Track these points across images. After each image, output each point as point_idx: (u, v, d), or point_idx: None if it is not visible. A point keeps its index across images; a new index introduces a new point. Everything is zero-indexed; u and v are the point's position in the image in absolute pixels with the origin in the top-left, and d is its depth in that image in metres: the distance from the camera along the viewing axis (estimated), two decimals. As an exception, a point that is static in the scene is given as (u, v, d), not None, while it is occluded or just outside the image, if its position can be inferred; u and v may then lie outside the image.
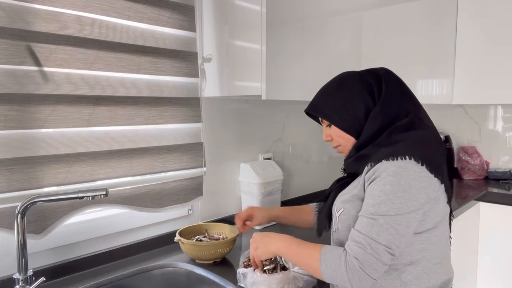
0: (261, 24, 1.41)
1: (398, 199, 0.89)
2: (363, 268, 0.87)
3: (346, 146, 1.08)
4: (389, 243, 0.88)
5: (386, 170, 0.91)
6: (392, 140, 0.96)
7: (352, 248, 0.89)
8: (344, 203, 1.02)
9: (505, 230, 2.16)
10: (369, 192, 0.94)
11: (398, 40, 2.13)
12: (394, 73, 1.07)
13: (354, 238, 0.91)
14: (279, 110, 2.05)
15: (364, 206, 0.94)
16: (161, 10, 1.44)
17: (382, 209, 0.89)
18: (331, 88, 1.10)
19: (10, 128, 1.11)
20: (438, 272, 0.98)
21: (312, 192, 2.26)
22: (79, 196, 1.05)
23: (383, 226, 0.88)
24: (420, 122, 1.01)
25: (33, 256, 1.19)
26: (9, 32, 1.10)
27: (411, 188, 0.90)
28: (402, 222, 0.89)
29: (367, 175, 0.96)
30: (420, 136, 0.97)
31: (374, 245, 0.88)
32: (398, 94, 1.02)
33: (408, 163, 0.91)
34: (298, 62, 1.58)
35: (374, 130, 1.00)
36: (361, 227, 0.91)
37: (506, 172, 2.52)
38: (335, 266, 0.90)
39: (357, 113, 1.02)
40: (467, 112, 2.71)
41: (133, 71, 1.37)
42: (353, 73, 1.08)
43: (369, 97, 1.02)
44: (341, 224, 1.02)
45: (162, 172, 1.48)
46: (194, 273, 1.31)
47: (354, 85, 1.04)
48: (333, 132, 1.09)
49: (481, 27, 2.25)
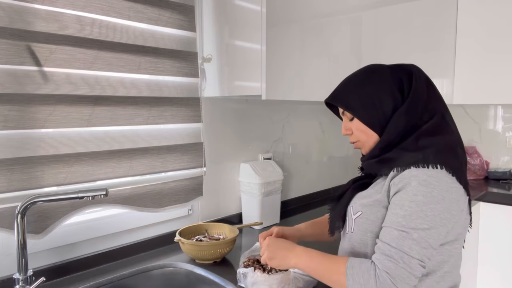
0: (261, 24, 1.41)
1: (431, 211, 0.85)
2: (395, 282, 0.83)
3: (367, 142, 1.02)
4: (422, 257, 0.85)
5: (416, 178, 0.87)
6: (420, 145, 0.92)
7: (383, 262, 0.85)
8: (363, 206, 0.98)
9: (505, 230, 2.15)
10: (397, 201, 0.89)
11: (398, 40, 2.13)
12: (423, 71, 1.03)
13: (384, 251, 0.86)
14: (279, 110, 2.04)
15: (392, 216, 0.89)
16: (161, 10, 1.44)
17: (414, 222, 0.85)
18: (358, 79, 1.03)
19: (10, 128, 1.11)
20: (447, 280, 0.96)
21: (312, 192, 2.26)
22: (79, 196, 1.05)
23: (416, 240, 0.85)
24: (447, 126, 0.97)
25: (33, 256, 1.19)
26: (9, 32, 1.10)
27: (443, 200, 0.86)
28: (435, 236, 0.86)
29: (394, 181, 0.92)
30: (447, 143, 0.94)
31: (407, 259, 0.84)
32: (426, 93, 0.98)
33: (439, 173, 0.88)
34: (298, 62, 1.58)
35: (399, 129, 0.96)
36: (391, 239, 0.86)
37: (506, 172, 2.52)
38: (364, 281, 0.85)
39: (385, 109, 0.97)
40: (467, 112, 2.71)
41: (133, 71, 1.37)
42: (383, 66, 1.03)
43: (399, 93, 0.97)
44: (357, 227, 0.99)
45: (162, 172, 1.48)
46: (194, 273, 1.31)
47: (384, 79, 0.99)
48: (355, 126, 1.02)
49: (481, 27, 2.25)
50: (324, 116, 2.34)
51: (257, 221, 1.71)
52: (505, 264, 2.16)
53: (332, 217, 1.10)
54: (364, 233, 0.96)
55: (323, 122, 2.35)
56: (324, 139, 2.38)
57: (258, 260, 1.19)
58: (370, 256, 0.92)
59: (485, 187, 2.37)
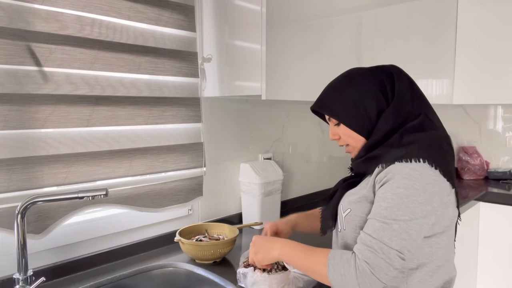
0: (261, 24, 1.41)
1: (412, 203, 0.87)
2: (374, 272, 0.84)
3: (355, 147, 1.04)
4: (401, 248, 0.86)
5: (400, 172, 0.89)
6: (404, 141, 0.94)
7: (363, 253, 0.87)
8: (351, 203, 1.00)
9: (505, 230, 2.15)
10: (381, 194, 0.91)
11: (398, 40, 2.13)
12: (404, 71, 1.03)
13: (365, 242, 0.88)
14: (279, 110, 2.05)
15: (375, 208, 0.91)
16: (161, 10, 1.44)
17: (396, 213, 0.87)
18: (340, 85, 1.04)
19: (10, 128, 1.11)
20: (441, 274, 0.97)
21: (312, 192, 2.26)
22: (79, 196, 1.05)
23: (396, 231, 0.86)
24: (431, 123, 0.99)
25: (33, 256, 1.19)
26: (9, 32, 1.10)
27: (425, 192, 0.88)
28: (416, 227, 0.87)
29: (379, 177, 0.93)
30: (431, 137, 0.95)
31: (386, 250, 0.85)
32: (409, 93, 0.99)
33: (422, 166, 0.89)
34: (298, 62, 1.58)
35: (386, 131, 0.97)
36: (373, 230, 0.88)
37: (506, 172, 2.52)
38: (344, 271, 0.87)
39: (369, 112, 0.98)
40: (467, 112, 2.71)
41: (133, 71, 1.37)
42: (364, 70, 1.04)
43: (382, 96, 0.98)
44: (347, 225, 1.00)
45: (162, 172, 1.48)
46: (194, 273, 1.31)
47: (365, 83, 1.00)
48: (342, 131, 1.05)
49: (482, 27, 2.25)
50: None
51: (257, 221, 1.71)
52: (505, 264, 2.16)
53: (324, 217, 1.12)
54: (354, 230, 0.98)
55: (323, 122, 2.32)
56: (324, 139, 2.38)
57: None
58: None
59: (485, 187, 2.37)
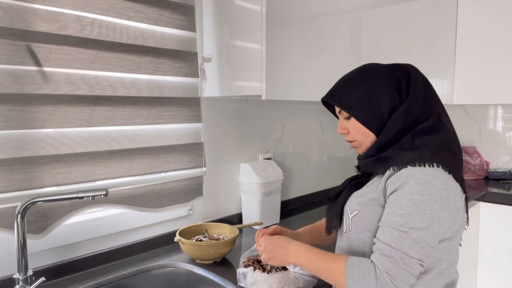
0: (261, 24, 1.41)
1: (429, 210, 0.85)
2: (395, 282, 0.83)
3: (364, 142, 1.02)
4: (421, 256, 0.85)
5: (414, 177, 0.87)
6: (416, 144, 0.92)
7: (383, 263, 0.85)
8: (360, 205, 0.98)
9: (505, 230, 2.15)
10: (394, 200, 0.89)
11: (398, 40, 2.13)
12: (420, 71, 1.03)
13: (384, 252, 0.86)
14: (279, 110, 2.05)
15: (389, 215, 0.89)
16: (161, 10, 1.44)
17: (413, 221, 0.85)
18: (355, 78, 1.02)
19: (10, 128, 1.11)
20: (445, 277, 0.96)
21: (312, 192, 2.26)
22: (79, 196, 1.05)
23: (415, 240, 0.85)
24: (442, 126, 0.98)
25: (33, 256, 1.19)
26: (9, 32, 1.10)
27: (441, 198, 0.86)
28: (433, 234, 0.86)
29: (390, 180, 0.92)
30: (443, 141, 0.94)
31: (407, 259, 0.84)
32: (423, 93, 0.98)
33: (436, 171, 0.88)
34: (298, 62, 1.58)
35: (397, 129, 0.96)
36: (391, 240, 0.86)
37: (506, 172, 2.52)
38: (364, 281, 0.85)
39: (382, 108, 0.97)
40: (467, 112, 2.71)
41: (133, 71, 1.37)
42: (380, 66, 1.02)
43: (396, 94, 0.97)
44: (354, 226, 0.99)
45: (162, 172, 1.48)
46: (194, 273, 1.31)
47: (381, 79, 0.98)
48: (351, 126, 1.02)
49: (481, 27, 2.25)
50: (324, 116, 2.34)
51: (257, 221, 1.71)
52: (505, 264, 2.16)
53: (329, 217, 1.10)
54: (361, 232, 0.97)
55: (323, 122, 2.35)
56: (324, 139, 2.38)
57: (258, 260, 1.19)
58: (369, 255, 0.92)
59: (485, 187, 2.37)
